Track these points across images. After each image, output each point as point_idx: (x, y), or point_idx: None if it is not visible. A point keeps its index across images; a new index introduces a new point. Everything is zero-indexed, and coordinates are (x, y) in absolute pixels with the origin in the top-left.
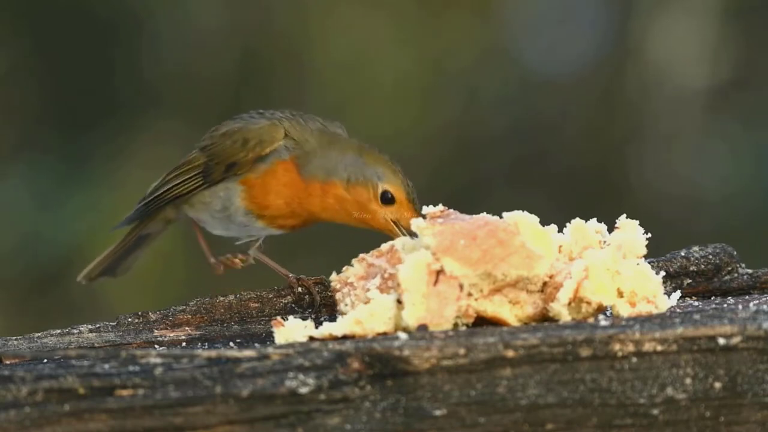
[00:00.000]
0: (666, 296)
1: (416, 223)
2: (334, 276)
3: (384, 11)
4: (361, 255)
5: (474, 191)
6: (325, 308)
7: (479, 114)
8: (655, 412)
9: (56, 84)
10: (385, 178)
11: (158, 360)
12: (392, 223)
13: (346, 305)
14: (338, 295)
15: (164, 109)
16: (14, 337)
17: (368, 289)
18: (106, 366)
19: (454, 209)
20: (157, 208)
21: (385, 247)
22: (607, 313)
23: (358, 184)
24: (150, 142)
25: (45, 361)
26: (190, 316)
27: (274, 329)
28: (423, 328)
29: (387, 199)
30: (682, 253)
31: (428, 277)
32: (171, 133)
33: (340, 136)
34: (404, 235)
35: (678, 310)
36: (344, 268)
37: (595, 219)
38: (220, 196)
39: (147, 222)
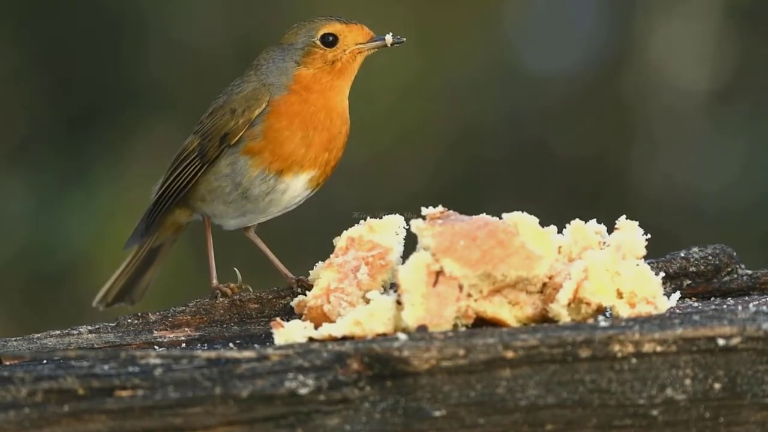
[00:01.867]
0: (665, 297)
1: (416, 224)
2: (299, 299)
3: (384, 11)
4: (326, 262)
5: (473, 192)
6: None
7: (479, 114)
8: (655, 412)
9: (56, 87)
10: (314, 30)
11: (158, 361)
12: (357, 50)
13: (344, 308)
14: (327, 308)
15: (167, 112)
16: (14, 338)
17: (359, 281)
18: (106, 367)
19: (454, 210)
20: (165, 210)
21: (341, 242)
22: (607, 314)
23: (304, 57)
24: (152, 145)
25: (44, 361)
26: (189, 317)
27: (274, 330)
28: (422, 328)
29: (330, 41)
30: (682, 254)
31: (428, 277)
32: (174, 136)
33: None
34: (373, 47)
35: (677, 311)
36: (314, 282)
37: (594, 220)
38: (227, 174)
39: (157, 231)
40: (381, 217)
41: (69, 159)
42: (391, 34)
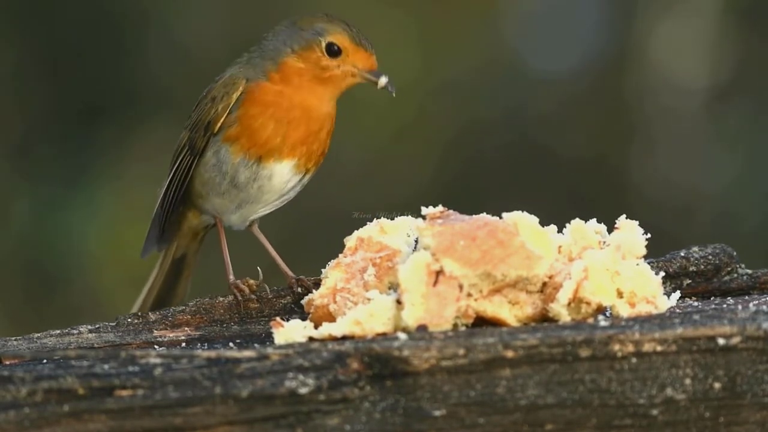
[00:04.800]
0: (665, 296)
1: (416, 224)
2: (309, 297)
3: (385, 11)
4: (334, 261)
5: (473, 192)
6: None
7: (479, 114)
8: (655, 412)
9: (57, 87)
10: (326, 31)
11: (158, 360)
12: (351, 73)
13: (349, 309)
14: (332, 307)
15: (168, 112)
16: (14, 338)
17: (366, 282)
18: (106, 366)
19: (454, 210)
20: (172, 210)
21: (350, 242)
22: (607, 314)
23: (303, 49)
24: (153, 145)
25: (44, 361)
26: (189, 317)
27: (274, 330)
28: (422, 328)
29: (333, 51)
30: (682, 254)
31: (428, 277)
32: (174, 136)
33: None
34: (366, 79)
35: (677, 311)
36: (322, 282)
37: (594, 220)
38: (214, 164)
39: (175, 238)
40: (393, 218)
41: (69, 159)
42: (387, 77)
